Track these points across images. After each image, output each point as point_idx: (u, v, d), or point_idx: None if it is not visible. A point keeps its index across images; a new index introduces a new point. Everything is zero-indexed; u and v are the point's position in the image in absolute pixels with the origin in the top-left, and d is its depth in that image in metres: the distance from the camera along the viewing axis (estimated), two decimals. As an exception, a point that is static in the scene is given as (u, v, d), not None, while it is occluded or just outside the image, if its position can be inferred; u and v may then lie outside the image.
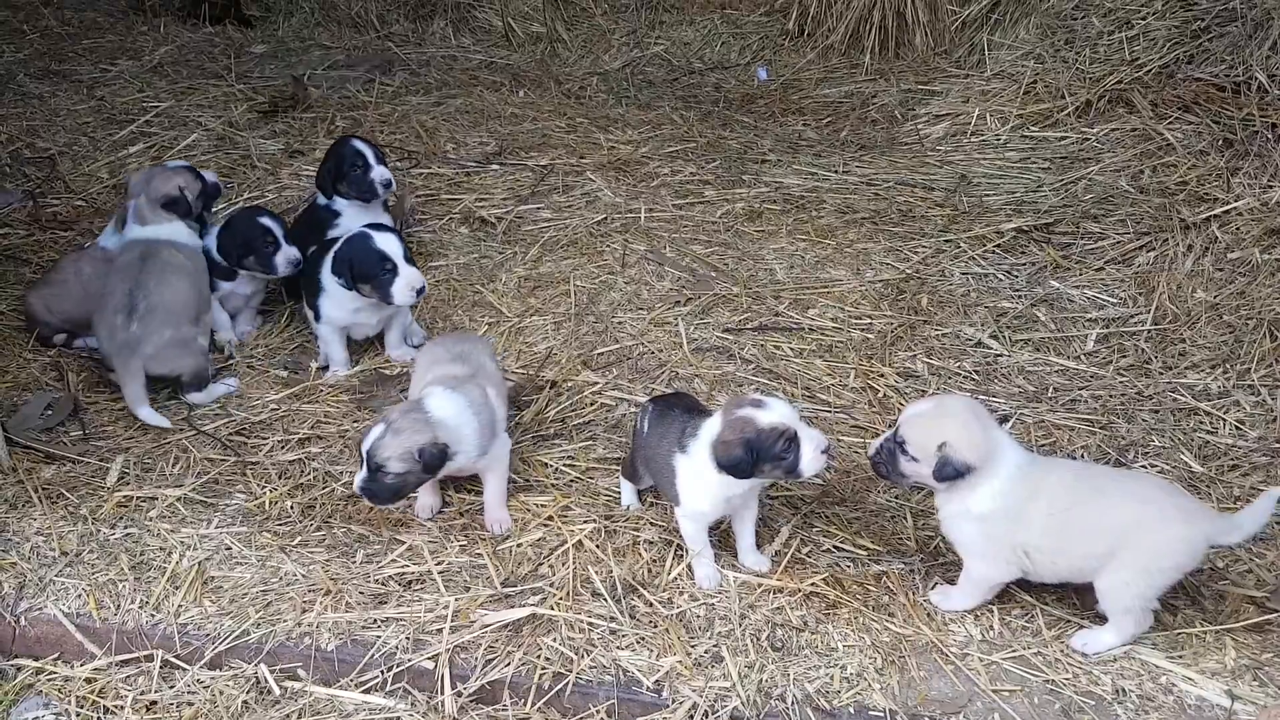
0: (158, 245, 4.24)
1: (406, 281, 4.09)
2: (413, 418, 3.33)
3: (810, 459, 3.07)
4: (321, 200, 4.71)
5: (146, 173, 4.49)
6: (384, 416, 3.36)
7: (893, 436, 3.10)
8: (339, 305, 4.25)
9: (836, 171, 5.77)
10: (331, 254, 4.19)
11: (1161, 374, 4.22)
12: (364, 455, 3.30)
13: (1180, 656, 3.08)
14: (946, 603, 3.23)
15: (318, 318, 4.33)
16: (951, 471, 3.00)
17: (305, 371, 4.32)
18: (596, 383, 4.21)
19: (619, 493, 3.65)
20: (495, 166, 5.86)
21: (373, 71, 7.04)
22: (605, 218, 5.31)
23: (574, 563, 3.36)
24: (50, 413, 4.04)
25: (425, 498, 3.60)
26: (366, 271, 4.10)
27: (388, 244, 4.10)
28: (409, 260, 4.12)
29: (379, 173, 4.59)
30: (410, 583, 3.32)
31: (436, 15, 7.81)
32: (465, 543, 3.47)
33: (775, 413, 3.07)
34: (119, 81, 6.80)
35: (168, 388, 4.18)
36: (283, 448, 3.90)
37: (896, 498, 3.67)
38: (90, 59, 7.18)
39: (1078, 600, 3.24)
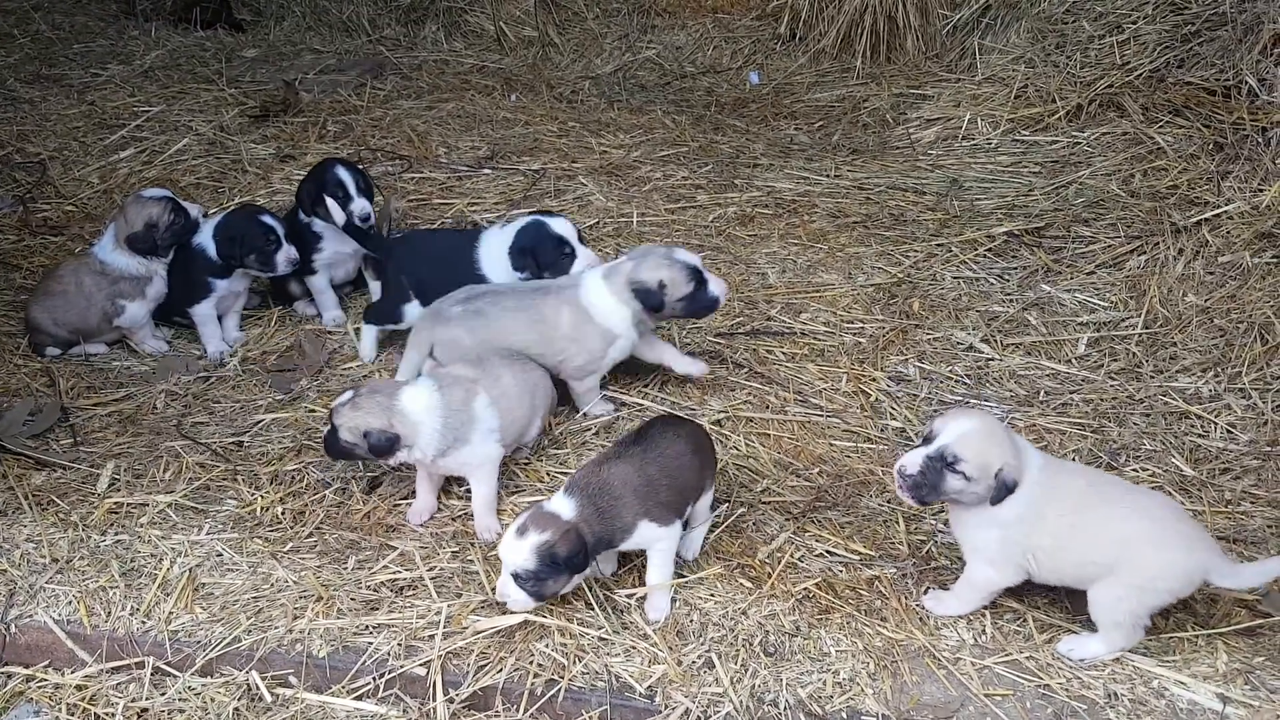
0: None
1: (585, 261, 4.25)
2: (378, 399, 3.43)
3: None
4: (302, 217, 4.66)
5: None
6: (363, 386, 3.49)
7: (939, 455, 3.00)
8: None
9: (828, 175, 5.78)
10: (509, 244, 4.30)
11: (1153, 377, 4.23)
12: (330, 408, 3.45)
13: (1172, 661, 3.08)
14: (940, 607, 3.23)
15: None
16: (1006, 493, 2.99)
17: (296, 388, 4.31)
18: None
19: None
20: (487, 170, 5.85)
21: (364, 76, 7.04)
22: (597, 221, 5.31)
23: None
24: (34, 419, 4.02)
25: (420, 502, 3.59)
26: (548, 258, 4.22)
27: (563, 228, 4.26)
28: (583, 241, 4.31)
29: (358, 206, 4.53)
30: (402, 589, 3.31)
31: (428, 19, 7.81)
32: (457, 549, 3.46)
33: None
34: (110, 86, 6.79)
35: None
36: (275, 455, 3.89)
37: (889, 502, 3.67)
38: (81, 63, 7.17)
39: (1069, 605, 3.24)
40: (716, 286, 3.88)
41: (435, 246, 4.55)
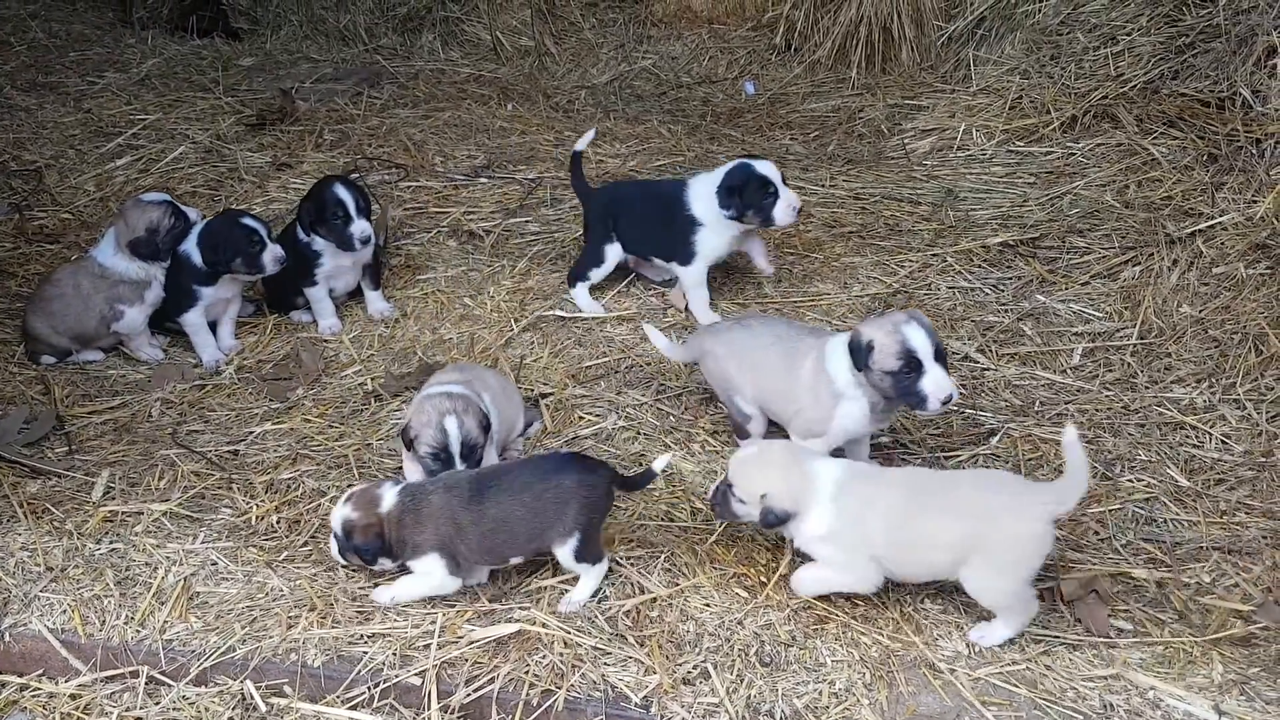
0: None
1: (787, 202, 4.40)
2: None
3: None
4: (301, 235, 4.66)
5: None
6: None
7: (725, 482, 3.25)
8: (718, 235, 4.54)
9: (823, 185, 5.79)
10: (718, 184, 4.45)
11: (1147, 388, 4.24)
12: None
13: (1167, 672, 3.08)
14: (799, 587, 3.27)
15: (690, 257, 4.58)
16: (774, 519, 3.17)
17: (292, 397, 4.30)
18: (584, 396, 4.21)
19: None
20: (483, 179, 5.86)
21: (361, 84, 7.05)
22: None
23: (562, 578, 3.35)
24: (29, 427, 4.02)
25: None
26: (752, 197, 4.39)
27: (768, 170, 4.42)
28: (785, 183, 4.44)
29: (359, 227, 4.54)
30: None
31: (425, 29, 7.82)
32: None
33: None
34: (106, 94, 6.79)
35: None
36: (270, 463, 3.88)
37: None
38: (77, 71, 7.18)
39: (1065, 612, 3.24)
40: (931, 384, 3.39)
41: (640, 192, 4.86)
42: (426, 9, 7.79)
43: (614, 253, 4.74)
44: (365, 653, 3.13)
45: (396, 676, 3.08)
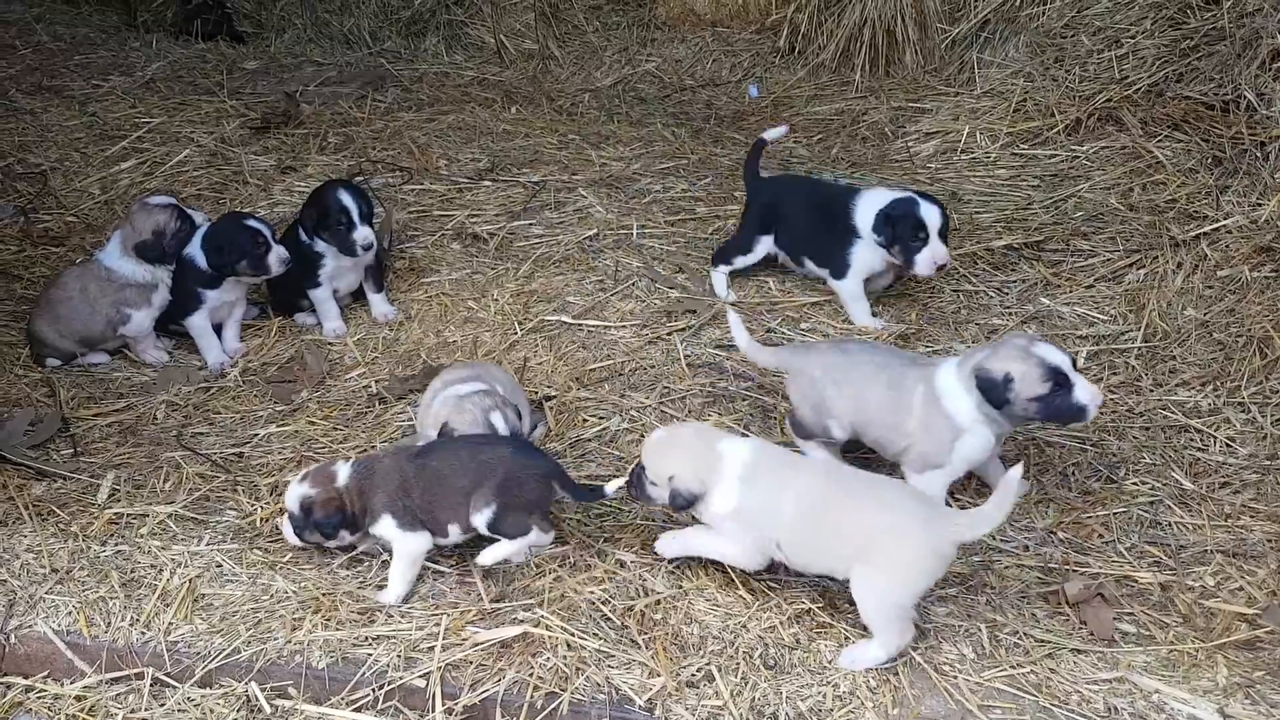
0: None
1: (931, 254, 4.37)
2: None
3: None
4: (304, 238, 4.66)
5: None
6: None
7: (639, 464, 3.29)
8: (874, 252, 4.52)
9: (828, 188, 5.78)
10: (877, 210, 4.45)
11: (1152, 391, 4.24)
12: None
13: (1172, 675, 3.08)
14: (663, 547, 3.35)
15: (844, 270, 4.59)
16: (682, 501, 3.20)
17: (297, 399, 4.31)
18: (588, 398, 4.21)
19: (612, 509, 3.66)
20: (487, 182, 5.86)
21: (365, 88, 7.05)
22: (597, 234, 5.32)
23: (566, 580, 3.36)
24: (35, 429, 4.03)
25: None
26: (903, 234, 4.39)
27: (930, 215, 4.38)
28: (944, 237, 4.41)
29: (361, 234, 4.55)
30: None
31: (429, 32, 7.83)
32: (455, 559, 3.46)
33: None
34: (111, 97, 6.80)
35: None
36: (275, 465, 3.89)
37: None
38: (82, 74, 7.19)
39: (1069, 615, 3.24)
40: (1085, 393, 3.33)
41: (809, 190, 4.85)
42: (430, 12, 7.80)
43: (764, 245, 4.79)
44: (370, 654, 3.13)
45: (401, 678, 3.08)
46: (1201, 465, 3.89)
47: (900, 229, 4.40)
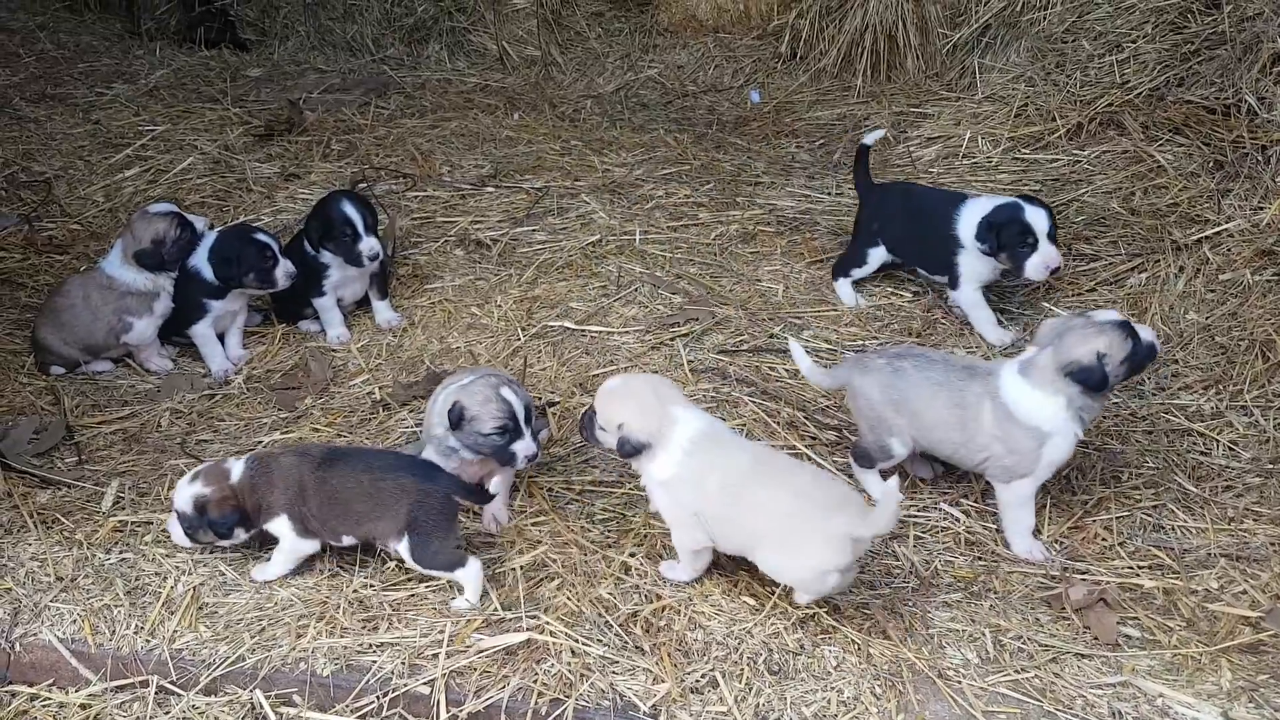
0: None
1: (1043, 258, 4.30)
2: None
3: None
4: (309, 248, 4.67)
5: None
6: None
7: (591, 407, 3.39)
8: (980, 261, 4.48)
9: (829, 193, 5.80)
10: (979, 218, 4.40)
11: (1154, 395, 4.24)
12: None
13: (1175, 679, 3.08)
14: (671, 573, 3.40)
15: (957, 280, 4.59)
16: (630, 449, 3.27)
17: (301, 407, 4.31)
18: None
19: (614, 516, 3.66)
20: (490, 189, 5.87)
21: (368, 95, 7.07)
22: (600, 240, 5.33)
23: (570, 587, 3.36)
24: (39, 437, 4.03)
25: None
26: (1010, 240, 4.32)
27: (1036, 218, 4.30)
28: (1053, 238, 4.33)
29: (367, 245, 4.56)
30: (405, 607, 3.32)
31: (431, 39, 7.84)
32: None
33: None
34: (114, 105, 6.82)
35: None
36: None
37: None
38: (86, 82, 7.21)
39: (1073, 620, 3.24)
40: (1147, 333, 3.42)
41: (913, 197, 4.79)
42: (433, 19, 7.82)
43: (877, 255, 4.76)
44: (374, 662, 3.14)
45: (405, 686, 3.08)
46: (1204, 469, 3.89)
47: (1006, 236, 4.32)
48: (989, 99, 6.36)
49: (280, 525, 3.38)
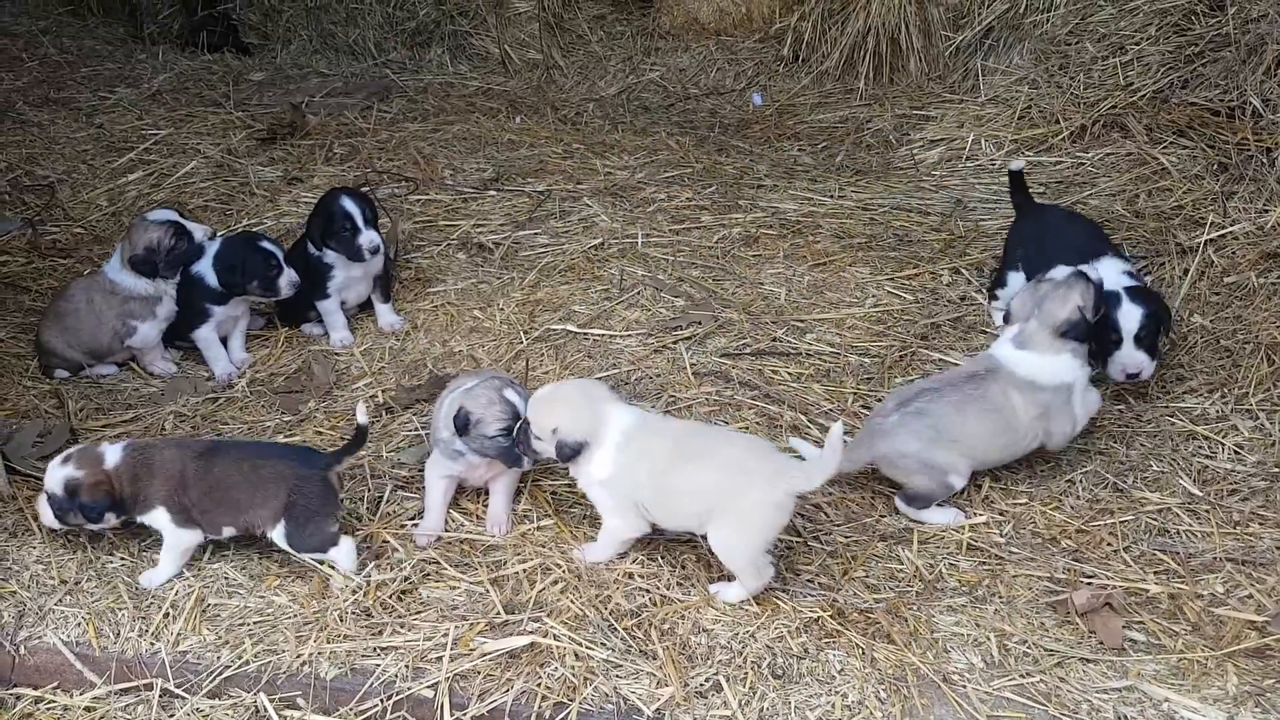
0: None
1: (1119, 361, 4.09)
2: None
3: None
4: (312, 250, 4.68)
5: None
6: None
7: (524, 419, 3.41)
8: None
9: (832, 196, 5.80)
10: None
11: (1159, 398, 4.23)
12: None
13: (1181, 684, 3.07)
14: (587, 555, 3.46)
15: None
16: (569, 451, 3.33)
17: (304, 409, 4.31)
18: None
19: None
20: (492, 192, 5.88)
21: (370, 98, 7.07)
22: (602, 243, 5.32)
23: (573, 590, 3.36)
24: (43, 440, 4.03)
25: (429, 521, 3.60)
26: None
27: (1125, 318, 4.08)
28: (1139, 340, 4.10)
29: (367, 238, 4.57)
30: (409, 610, 3.31)
31: (434, 43, 7.85)
32: (463, 569, 3.46)
33: None
34: (118, 109, 6.84)
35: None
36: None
37: (902, 527, 3.67)
38: (89, 86, 7.22)
39: (1079, 624, 3.24)
40: (1094, 272, 3.81)
41: (1052, 223, 4.63)
42: (435, 23, 7.82)
43: (1016, 281, 4.52)
44: (378, 665, 3.13)
45: (409, 689, 3.08)
46: (1210, 473, 3.88)
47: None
48: (992, 101, 6.36)
49: (159, 517, 3.41)
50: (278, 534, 3.38)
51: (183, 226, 4.45)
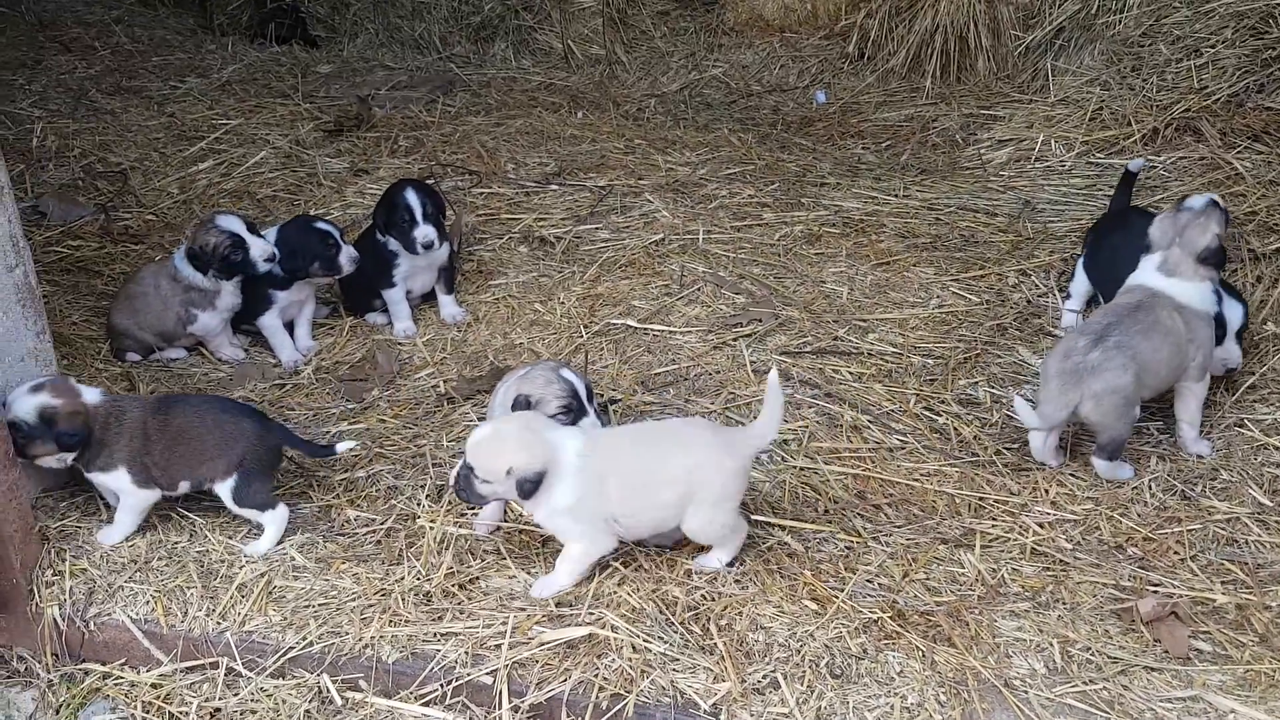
0: None
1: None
2: None
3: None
4: (379, 238, 4.74)
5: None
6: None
7: (466, 465, 3.26)
8: None
9: (896, 195, 5.75)
10: None
11: (1229, 406, 4.15)
12: None
13: (1248, 695, 3.01)
14: (547, 590, 3.35)
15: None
16: (529, 486, 3.21)
17: (368, 398, 4.36)
18: (653, 402, 4.22)
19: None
20: (554, 187, 5.91)
21: (435, 92, 7.14)
22: (663, 238, 5.33)
23: (631, 583, 3.36)
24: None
25: (487, 511, 3.62)
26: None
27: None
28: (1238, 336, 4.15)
29: (422, 232, 4.61)
30: (469, 598, 3.34)
31: (497, 37, 7.91)
32: (522, 560, 3.48)
33: None
34: (188, 99, 6.96)
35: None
36: (347, 462, 3.94)
37: (963, 530, 3.64)
38: (160, 76, 7.36)
39: (1144, 633, 3.19)
40: (1209, 197, 3.89)
41: (1118, 224, 4.62)
42: (499, 18, 7.88)
43: (1080, 282, 4.61)
44: (438, 650, 3.16)
45: (468, 675, 3.11)
46: (1280, 483, 3.80)
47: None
48: (1062, 102, 6.28)
49: (119, 478, 3.48)
50: (224, 487, 3.49)
51: (241, 240, 4.43)
